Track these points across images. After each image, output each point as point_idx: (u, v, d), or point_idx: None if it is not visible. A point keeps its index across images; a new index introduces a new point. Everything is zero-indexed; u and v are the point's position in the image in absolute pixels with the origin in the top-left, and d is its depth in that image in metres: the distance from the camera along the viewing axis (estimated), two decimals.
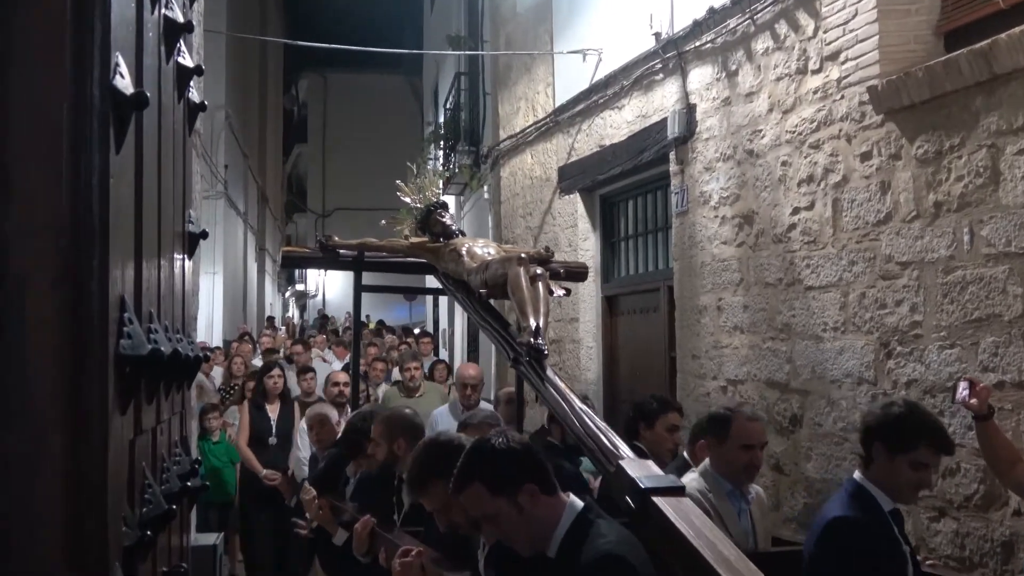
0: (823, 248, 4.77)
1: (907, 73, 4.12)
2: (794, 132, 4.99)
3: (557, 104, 8.18)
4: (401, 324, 20.50)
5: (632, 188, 7.33)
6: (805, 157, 4.90)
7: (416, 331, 16.40)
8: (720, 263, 5.70)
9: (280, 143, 31.59)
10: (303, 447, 6.07)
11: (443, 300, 15.71)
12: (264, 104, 23.69)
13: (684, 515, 2.41)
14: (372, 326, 20.77)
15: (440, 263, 4.68)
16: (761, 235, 5.29)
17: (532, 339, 3.49)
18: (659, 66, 6.40)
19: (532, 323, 3.56)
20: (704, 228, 5.86)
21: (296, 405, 7.00)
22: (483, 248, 4.51)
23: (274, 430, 6.77)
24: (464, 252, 4.46)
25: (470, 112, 11.92)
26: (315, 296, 34.32)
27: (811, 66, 4.86)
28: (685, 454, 3.91)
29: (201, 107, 2.01)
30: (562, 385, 3.39)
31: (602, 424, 3.10)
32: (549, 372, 3.46)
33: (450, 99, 13.00)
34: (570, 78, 7.96)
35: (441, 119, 14.21)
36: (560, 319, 8.07)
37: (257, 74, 22.93)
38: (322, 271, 32.06)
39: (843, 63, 4.58)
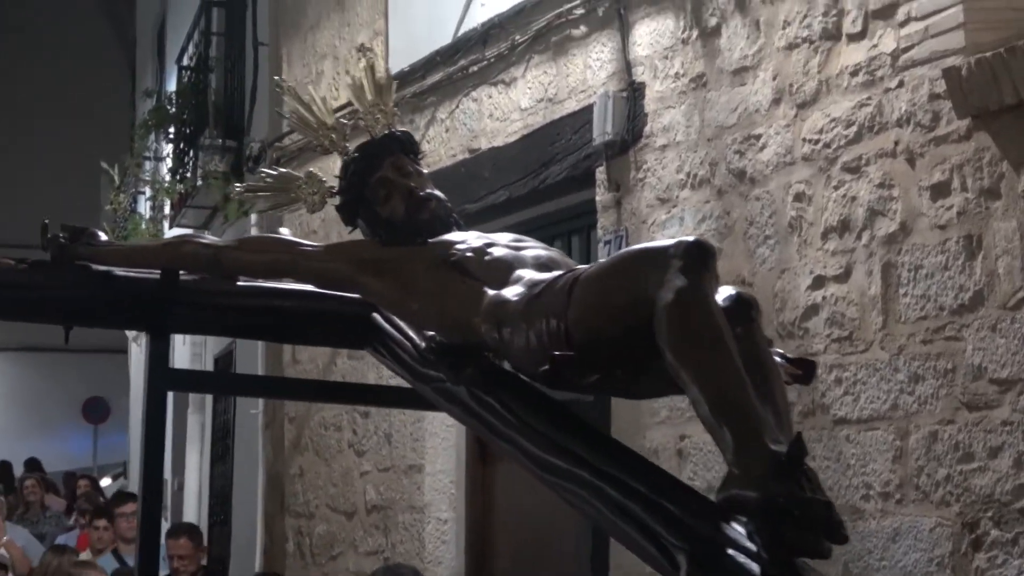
0: (865, 351, 4.99)
1: (1011, 48, 4.35)
2: (817, 142, 5.22)
3: (395, 71, 8.32)
4: (67, 469, 19.86)
5: (529, 230, 7.47)
6: (836, 188, 5.13)
7: (100, 483, 16.05)
8: None
9: None
10: None
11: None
12: None
13: None
14: None
15: (405, 302, 3.78)
16: None
17: (784, 492, 2.63)
18: (581, 11, 6.61)
19: (771, 441, 2.73)
20: None
21: None
22: (510, 251, 3.64)
23: None
24: (475, 262, 3.60)
25: (227, 77, 11.94)
26: None
27: (848, 26, 5.11)
28: None
29: None
30: None
31: None
32: None
33: (190, 52, 13.01)
34: (418, 26, 8.12)
35: (172, 86, 14.17)
36: (384, 467, 8.05)
37: None
38: None
39: (903, 24, 4.84)
